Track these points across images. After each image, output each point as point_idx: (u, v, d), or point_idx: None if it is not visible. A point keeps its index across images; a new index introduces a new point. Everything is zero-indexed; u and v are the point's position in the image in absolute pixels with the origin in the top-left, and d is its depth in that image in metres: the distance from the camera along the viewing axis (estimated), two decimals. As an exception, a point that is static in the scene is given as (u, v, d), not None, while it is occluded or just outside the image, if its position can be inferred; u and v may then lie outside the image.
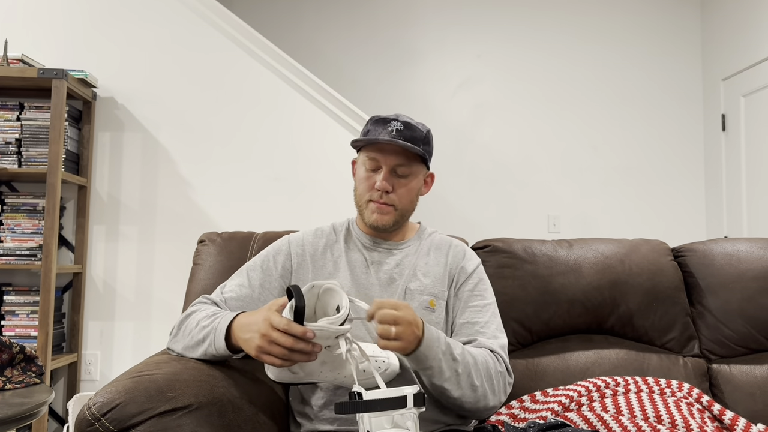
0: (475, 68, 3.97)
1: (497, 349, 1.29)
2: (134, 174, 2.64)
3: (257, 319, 1.08)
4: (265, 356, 1.05)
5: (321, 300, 1.09)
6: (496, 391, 1.25)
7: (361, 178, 1.36)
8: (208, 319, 1.19)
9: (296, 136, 2.66)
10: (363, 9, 4.01)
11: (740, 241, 1.71)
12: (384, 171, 1.32)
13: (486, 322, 1.34)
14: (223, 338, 1.12)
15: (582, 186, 3.91)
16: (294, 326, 1.01)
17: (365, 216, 1.36)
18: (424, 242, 1.44)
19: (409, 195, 1.36)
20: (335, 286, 1.06)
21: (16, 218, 2.47)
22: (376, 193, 1.33)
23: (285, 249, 1.39)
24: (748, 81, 3.56)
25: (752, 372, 1.60)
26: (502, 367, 1.28)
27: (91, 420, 0.97)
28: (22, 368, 1.59)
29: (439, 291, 1.36)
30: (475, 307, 1.36)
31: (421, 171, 1.38)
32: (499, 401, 1.27)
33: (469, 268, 1.41)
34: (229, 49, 2.67)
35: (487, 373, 1.23)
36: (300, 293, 1.02)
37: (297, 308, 1.01)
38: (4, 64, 2.39)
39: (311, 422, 1.28)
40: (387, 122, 1.33)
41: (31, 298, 2.44)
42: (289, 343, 1.01)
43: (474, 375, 1.21)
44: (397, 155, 1.32)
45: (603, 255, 1.67)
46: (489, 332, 1.33)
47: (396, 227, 1.38)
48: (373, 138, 1.31)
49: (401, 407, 0.97)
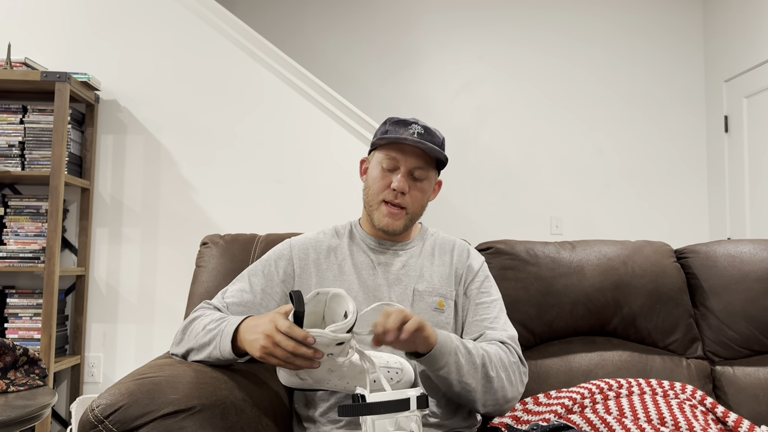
0: (477, 70, 3.97)
1: (507, 340, 1.30)
2: (137, 176, 2.65)
3: (264, 321, 1.08)
4: (269, 357, 1.05)
5: (329, 307, 1.08)
6: (514, 381, 1.25)
7: (375, 178, 1.34)
8: (215, 323, 1.18)
9: (298, 139, 2.66)
10: (365, 12, 4.01)
11: (743, 243, 1.71)
12: (402, 171, 1.31)
13: (495, 317, 1.35)
14: (230, 341, 1.12)
15: (584, 187, 3.91)
16: (296, 330, 1.01)
17: (375, 218, 1.35)
18: (428, 242, 1.44)
19: (422, 199, 1.36)
20: (342, 293, 1.06)
21: (20, 221, 2.47)
22: (392, 193, 1.32)
23: (287, 253, 1.38)
24: (751, 82, 3.56)
25: (756, 374, 1.59)
26: (515, 357, 1.28)
27: (94, 422, 0.98)
28: (25, 371, 1.59)
29: (447, 291, 1.36)
30: (483, 304, 1.37)
31: (434, 177, 1.38)
32: (518, 392, 1.27)
33: (476, 266, 1.41)
34: (231, 52, 2.67)
35: (501, 365, 1.24)
36: (300, 298, 1.01)
37: (296, 313, 1.01)
38: (8, 67, 2.40)
39: (315, 425, 1.28)
40: (408, 124, 1.32)
41: (35, 301, 2.45)
42: (291, 347, 1.01)
43: (489, 366, 1.21)
44: (417, 158, 1.32)
45: (606, 257, 1.66)
46: (499, 326, 1.34)
47: (404, 231, 1.38)
48: (400, 137, 1.29)
49: (404, 410, 0.97)
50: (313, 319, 1.09)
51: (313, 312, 1.08)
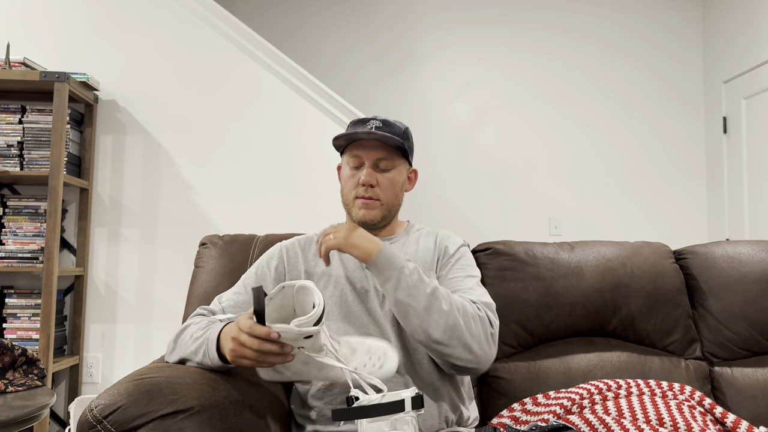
0: (475, 70, 3.98)
1: (477, 301, 1.26)
2: (136, 177, 2.65)
3: (232, 325, 1.08)
4: (240, 360, 1.05)
5: (297, 300, 1.07)
6: (474, 332, 1.19)
7: (345, 178, 1.40)
8: (201, 330, 1.19)
9: (297, 139, 2.66)
10: (363, 12, 4.01)
11: (742, 244, 1.71)
12: (367, 166, 1.35)
13: (470, 288, 1.31)
14: (215, 349, 1.12)
15: (583, 188, 3.91)
16: (257, 328, 1.00)
17: (353, 214, 1.38)
18: (413, 235, 1.46)
19: (393, 188, 1.38)
20: (307, 285, 1.04)
21: (18, 221, 2.47)
22: (361, 189, 1.35)
23: (277, 253, 1.43)
24: (750, 83, 3.56)
25: (754, 375, 1.59)
26: (482, 314, 1.23)
27: (93, 422, 0.98)
28: (23, 371, 1.59)
29: (430, 275, 1.36)
30: (456, 278, 1.34)
31: (403, 165, 1.41)
32: (481, 349, 1.19)
33: (452, 248, 1.41)
34: (230, 52, 2.67)
35: (462, 309, 1.19)
36: (260, 296, 0.99)
37: (255, 311, 1.00)
38: (7, 67, 2.39)
39: (313, 424, 1.28)
40: (366, 122, 1.38)
41: (33, 301, 2.45)
42: (255, 345, 1.01)
43: (443, 301, 1.18)
44: (377, 150, 1.35)
45: (605, 257, 1.67)
46: (474, 296, 1.28)
47: (384, 222, 1.41)
48: (352, 132, 1.34)
49: (399, 411, 0.97)
50: (284, 313, 1.07)
51: (283, 306, 1.07)
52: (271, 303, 1.03)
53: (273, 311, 1.04)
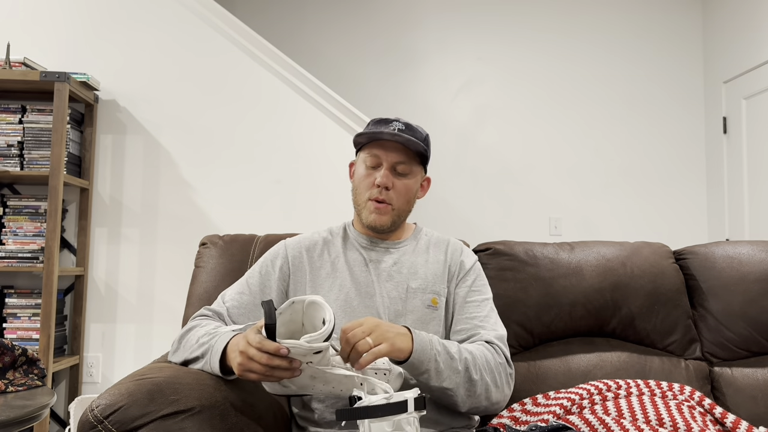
0: (475, 70, 3.98)
1: (494, 340, 1.29)
2: (136, 176, 2.65)
3: (240, 338, 1.07)
4: (248, 374, 1.03)
5: (306, 314, 1.07)
6: (499, 383, 1.25)
7: (360, 176, 1.37)
8: (207, 336, 1.18)
9: (298, 139, 2.67)
10: (364, 12, 4.01)
11: (742, 244, 1.71)
12: (385, 167, 1.33)
13: (485, 315, 1.35)
14: (218, 360, 1.11)
15: (583, 188, 3.91)
16: (267, 343, 0.99)
17: (363, 216, 1.36)
18: (421, 241, 1.45)
19: (407, 194, 1.37)
20: (317, 300, 1.04)
21: (18, 221, 2.47)
22: (376, 190, 1.33)
23: (282, 252, 1.41)
24: (750, 84, 3.56)
25: (754, 375, 1.60)
26: (501, 359, 1.28)
27: (93, 422, 0.98)
28: (24, 371, 1.59)
29: (440, 288, 1.37)
30: (473, 302, 1.37)
31: (419, 172, 1.39)
32: (503, 395, 1.26)
33: (468, 263, 1.42)
34: (230, 52, 2.67)
35: (487, 367, 1.23)
36: (271, 310, 0.99)
37: (266, 326, 0.99)
38: (7, 67, 2.40)
39: (314, 425, 1.28)
40: (389, 122, 1.35)
41: (33, 301, 2.45)
42: (264, 360, 0.99)
43: (473, 370, 1.21)
44: (398, 152, 1.33)
45: (604, 258, 1.67)
46: (488, 325, 1.33)
47: (393, 228, 1.39)
48: (377, 131, 1.32)
49: (402, 412, 0.97)
50: (293, 328, 1.07)
51: (292, 320, 1.06)
52: (280, 317, 1.03)
53: (281, 325, 1.04)
